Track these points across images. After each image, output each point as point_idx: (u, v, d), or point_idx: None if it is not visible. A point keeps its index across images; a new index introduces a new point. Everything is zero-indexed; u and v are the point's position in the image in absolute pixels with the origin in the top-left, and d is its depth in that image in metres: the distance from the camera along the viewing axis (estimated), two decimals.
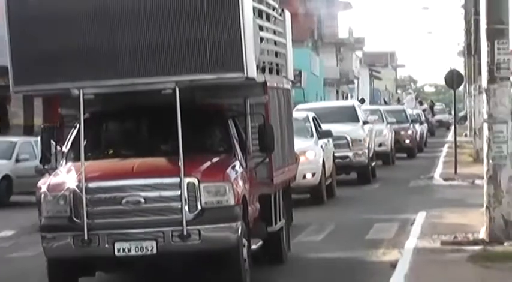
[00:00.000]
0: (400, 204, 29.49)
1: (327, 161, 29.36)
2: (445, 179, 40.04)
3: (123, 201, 14.22)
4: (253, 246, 15.80)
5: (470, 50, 56.48)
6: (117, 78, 14.70)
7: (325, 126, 31.81)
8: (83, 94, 14.79)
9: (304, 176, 27.36)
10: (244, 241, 14.98)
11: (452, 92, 50.86)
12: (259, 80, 16.06)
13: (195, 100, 16.03)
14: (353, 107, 40.28)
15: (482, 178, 21.76)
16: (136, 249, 14.09)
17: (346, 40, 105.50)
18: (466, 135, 60.12)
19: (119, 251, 14.11)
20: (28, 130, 44.73)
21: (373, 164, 37.24)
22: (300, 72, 73.02)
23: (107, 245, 14.10)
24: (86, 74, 14.68)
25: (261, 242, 16.46)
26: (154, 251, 14.10)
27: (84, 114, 15.30)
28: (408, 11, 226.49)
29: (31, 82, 15.15)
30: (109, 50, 14.63)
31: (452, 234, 21.38)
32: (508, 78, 21.44)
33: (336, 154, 32.87)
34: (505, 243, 19.88)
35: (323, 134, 29.87)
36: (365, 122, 37.82)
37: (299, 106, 42.08)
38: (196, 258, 14.76)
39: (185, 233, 14.04)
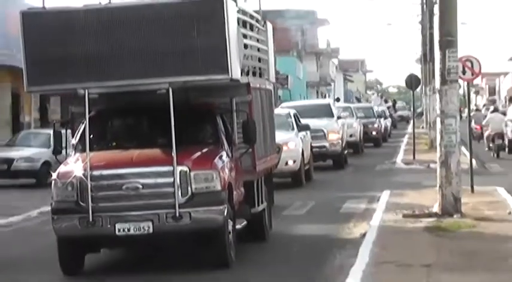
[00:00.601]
0: (368, 185, 29.54)
1: (306, 150, 29.25)
2: (405, 164, 40.54)
3: (123, 187, 14.16)
4: (238, 226, 15.63)
5: (426, 58, 56.49)
6: (118, 79, 14.65)
7: (305, 121, 31.66)
8: (88, 93, 14.67)
9: (287, 163, 27.24)
10: (230, 221, 14.82)
11: (411, 92, 51.22)
12: (243, 82, 15.99)
13: (189, 99, 15.81)
14: (329, 105, 40.40)
15: (436, 163, 22.05)
16: (135, 229, 14.01)
17: (324, 50, 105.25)
18: (422, 128, 60.00)
19: (119, 230, 14.03)
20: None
21: (346, 152, 37.19)
22: (287, 77, 73.17)
23: (109, 226, 14.02)
24: (90, 76, 14.63)
25: (245, 222, 16.25)
26: (151, 230, 14.01)
27: (90, 111, 15.29)
28: (376, 26, 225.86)
29: (42, 83, 15.17)
30: (111, 55, 14.55)
31: (411, 208, 21.68)
32: (457, 81, 21.81)
33: (314, 144, 32.93)
34: (454, 216, 20.25)
35: (302, 128, 29.82)
36: (339, 117, 37.82)
37: (284, 104, 42.28)
38: (187, 237, 14.62)
39: (177, 215, 13.97)
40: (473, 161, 28.64)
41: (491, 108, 55.26)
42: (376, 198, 24.79)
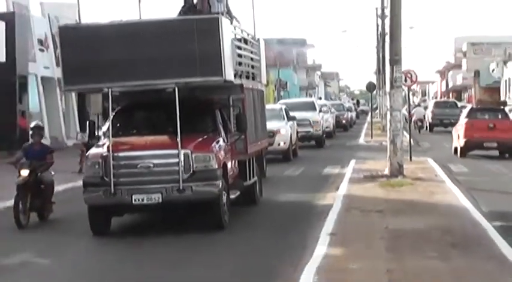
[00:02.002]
0: (340, 157, 29.24)
1: (293, 134, 28.45)
2: (366, 142, 40.41)
3: (138, 166, 13.11)
4: (232, 196, 14.43)
5: (380, 71, 56.54)
6: (134, 80, 13.64)
7: (296, 113, 30.79)
8: (111, 91, 13.74)
9: (279, 144, 26.66)
10: (224, 193, 13.66)
11: (370, 94, 51.44)
12: (237, 83, 14.77)
13: (195, 97, 14.65)
14: (313, 102, 39.89)
15: (386, 141, 22.07)
16: (148, 199, 12.99)
17: (311, 65, 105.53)
18: (377, 118, 59.80)
19: (135, 200, 13.00)
20: None
21: (324, 136, 36.58)
22: (286, 83, 73.45)
23: (126, 196, 12.99)
24: (113, 78, 13.60)
25: (238, 193, 15.01)
26: (160, 200, 13.00)
27: (117, 106, 14.67)
28: (347, 49, 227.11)
29: (76, 83, 14.14)
30: (129, 61, 13.48)
31: (370, 172, 21.66)
32: (401, 86, 21.91)
33: (302, 130, 32.19)
34: (399, 177, 20.29)
35: (290, 118, 28.88)
36: (320, 111, 37.23)
37: (281, 101, 42.91)
38: (189, 205, 13.60)
39: (181, 188, 12.93)
40: (411, 140, 28.66)
41: (416, 104, 67.77)
42: (346, 165, 24.64)
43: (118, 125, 14.40)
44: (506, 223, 13.49)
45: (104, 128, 14.63)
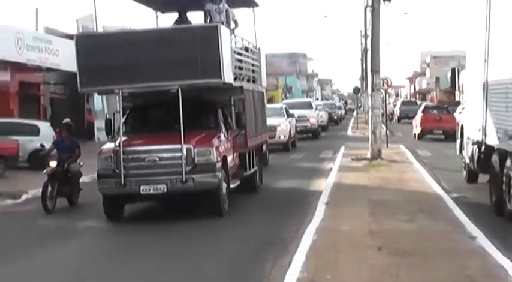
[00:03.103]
0: (332, 144, 29.11)
1: (292, 129, 27.23)
2: (352, 133, 39.89)
3: (146, 159, 11.50)
4: (232, 186, 12.72)
5: (363, 77, 56.13)
6: (143, 82, 12.00)
7: (296, 111, 29.90)
8: (122, 93, 12.26)
9: (280, 137, 25.51)
10: (224, 184, 12.05)
11: (356, 95, 51.30)
12: (236, 85, 13.21)
13: (199, 97, 12.97)
14: (310, 102, 38.94)
15: (369, 132, 21.90)
16: (154, 190, 11.42)
17: (311, 74, 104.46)
18: (361, 114, 59.65)
19: (143, 190, 11.43)
20: None
21: (319, 129, 35.81)
22: (291, 87, 72.32)
23: (135, 187, 11.45)
24: (123, 80, 11.99)
25: (238, 182, 13.21)
26: (165, 190, 11.41)
27: (131, 106, 13.31)
28: (338, 60, 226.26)
29: (90, 85, 12.48)
30: (137, 65, 11.87)
31: (356, 156, 21.49)
32: (379, 90, 21.82)
33: (300, 125, 31.16)
34: (378, 160, 20.28)
35: (289, 115, 27.59)
36: (316, 109, 36.39)
37: (284, 101, 41.92)
38: (192, 195, 11.89)
39: (184, 179, 11.32)
40: (388, 131, 28.68)
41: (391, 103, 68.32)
42: (338, 151, 24.53)
43: (131, 122, 12.91)
44: (459, 195, 13.48)
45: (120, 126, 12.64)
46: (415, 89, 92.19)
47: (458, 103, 34.57)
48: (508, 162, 10.53)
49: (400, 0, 76.08)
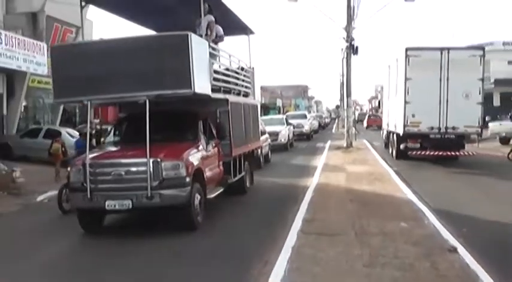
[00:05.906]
0: (322, 140, 28.44)
1: (290, 134, 23.37)
2: (335, 132, 39.35)
3: (112, 173, 6.94)
4: (212, 195, 7.99)
5: (342, 98, 55.12)
6: (111, 93, 7.29)
7: (295, 121, 26.81)
8: (91, 104, 7.48)
9: (281, 140, 21.33)
10: (198, 195, 7.34)
11: (337, 109, 49.98)
12: (218, 97, 8.49)
13: (180, 108, 8.21)
14: (305, 114, 36.15)
15: (345, 132, 21.34)
16: (119, 205, 6.89)
17: (310, 96, 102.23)
18: (341, 121, 58.54)
19: (108, 206, 6.92)
20: None
21: (312, 133, 32.66)
22: (298, 105, 69.78)
23: (101, 201, 6.94)
24: (91, 91, 7.29)
25: (221, 190, 8.46)
26: (130, 206, 6.88)
27: (118, 118, 9.07)
28: (327, 87, 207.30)
29: (63, 96, 7.60)
30: (106, 76, 7.21)
31: (337, 146, 21.05)
32: (351, 106, 21.47)
33: (298, 130, 27.72)
34: (350, 148, 19.83)
35: (288, 124, 23.75)
36: (309, 119, 33.54)
37: (287, 113, 36.83)
38: (160, 210, 7.07)
39: (149, 195, 6.80)
40: (356, 131, 28.32)
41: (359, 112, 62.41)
42: (326, 143, 24.03)
43: (116, 134, 8.62)
44: (397, 168, 13.29)
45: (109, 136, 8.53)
46: (372, 106, 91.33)
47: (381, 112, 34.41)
48: (391, 136, 16.30)
49: (362, 51, 75.02)
